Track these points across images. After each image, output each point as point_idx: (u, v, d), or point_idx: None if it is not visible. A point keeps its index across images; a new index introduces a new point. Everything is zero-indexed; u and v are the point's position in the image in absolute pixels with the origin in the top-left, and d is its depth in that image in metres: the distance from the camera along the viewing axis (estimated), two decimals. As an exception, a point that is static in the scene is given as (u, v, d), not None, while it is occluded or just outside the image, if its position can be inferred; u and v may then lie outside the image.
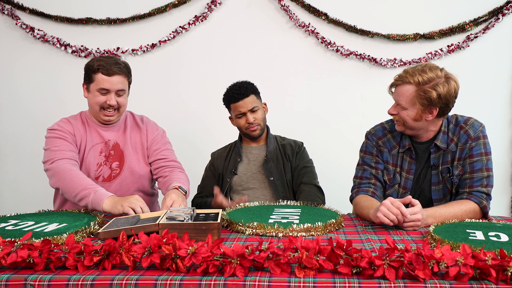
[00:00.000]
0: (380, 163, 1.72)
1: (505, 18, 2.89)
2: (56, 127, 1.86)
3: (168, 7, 2.92)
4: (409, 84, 1.55)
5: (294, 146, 2.10)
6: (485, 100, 2.95)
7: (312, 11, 2.93)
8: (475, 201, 1.53)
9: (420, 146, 1.67)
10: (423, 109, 1.55)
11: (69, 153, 1.79)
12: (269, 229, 1.29)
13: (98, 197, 1.58)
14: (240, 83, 2.04)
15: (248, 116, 2.01)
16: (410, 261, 0.90)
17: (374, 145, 1.75)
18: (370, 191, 1.66)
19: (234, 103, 2.02)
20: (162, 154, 1.95)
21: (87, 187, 1.63)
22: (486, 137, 1.62)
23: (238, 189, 2.08)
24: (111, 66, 1.79)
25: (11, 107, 3.01)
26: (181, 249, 0.96)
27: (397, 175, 1.70)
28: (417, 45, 2.94)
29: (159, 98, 3.00)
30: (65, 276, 0.95)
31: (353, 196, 1.71)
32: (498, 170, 2.96)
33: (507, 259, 0.88)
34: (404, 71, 1.59)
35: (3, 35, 2.95)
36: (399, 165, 1.70)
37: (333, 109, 3.01)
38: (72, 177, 1.68)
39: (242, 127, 2.05)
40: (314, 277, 0.91)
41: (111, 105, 1.82)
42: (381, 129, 1.77)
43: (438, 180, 1.64)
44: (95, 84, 1.81)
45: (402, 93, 1.57)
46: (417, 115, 1.57)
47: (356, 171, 1.77)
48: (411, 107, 1.56)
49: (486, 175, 1.57)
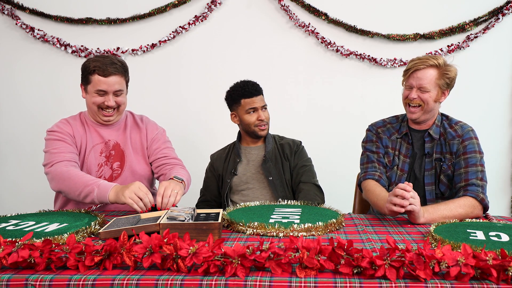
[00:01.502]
0: (380, 147, 1.84)
1: (505, 18, 2.89)
2: (55, 128, 1.85)
3: (168, 7, 2.92)
4: (432, 68, 1.68)
5: (292, 145, 2.10)
6: (485, 100, 2.95)
7: (312, 11, 2.93)
8: (471, 196, 1.58)
9: (416, 134, 1.81)
10: (441, 90, 1.71)
11: (68, 154, 1.78)
12: (270, 229, 1.29)
13: (103, 191, 1.60)
14: (252, 82, 2.06)
15: (260, 113, 2.02)
16: (411, 261, 0.90)
17: (374, 133, 1.88)
18: (377, 175, 1.77)
19: (248, 98, 2.01)
20: (162, 153, 1.94)
21: (88, 183, 1.63)
22: (477, 139, 1.73)
23: (238, 190, 2.08)
24: (107, 66, 1.76)
25: (11, 107, 3.01)
26: (182, 249, 0.96)
27: (396, 158, 1.82)
28: (417, 45, 2.94)
29: (159, 98, 3.00)
30: (66, 276, 0.95)
31: (361, 180, 1.82)
32: (498, 170, 2.98)
33: (508, 259, 0.88)
34: (418, 58, 1.71)
35: (3, 35, 2.95)
36: (398, 149, 1.83)
37: (333, 109, 3.01)
38: (72, 177, 1.68)
39: (252, 124, 2.03)
40: (315, 277, 0.91)
41: (109, 106, 1.82)
42: (382, 122, 1.92)
43: (430, 166, 1.76)
44: (92, 85, 1.80)
45: (425, 77, 1.69)
46: (437, 96, 1.71)
47: (361, 159, 1.89)
48: (433, 89, 1.69)
49: (480, 170, 1.66)
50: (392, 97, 2.96)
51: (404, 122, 1.84)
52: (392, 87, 2.97)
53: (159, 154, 1.94)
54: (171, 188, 1.57)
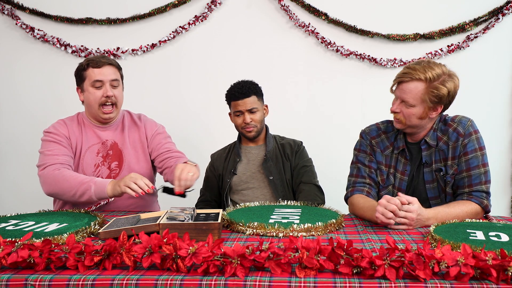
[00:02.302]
0: (373, 161, 1.70)
1: (505, 18, 2.89)
2: (51, 130, 1.86)
3: (168, 7, 2.92)
4: (418, 81, 1.49)
5: (293, 145, 2.10)
6: (485, 100, 2.95)
7: (312, 11, 2.93)
8: (476, 202, 1.52)
9: (414, 147, 1.66)
10: (430, 106, 1.51)
11: (61, 157, 1.79)
12: (270, 229, 1.29)
13: (101, 186, 1.61)
14: (244, 82, 2.04)
15: (245, 116, 2.01)
16: (410, 261, 0.90)
17: (367, 144, 1.73)
18: (365, 191, 1.65)
19: (234, 101, 2.02)
20: (165, 147, 1.93)
21: (84, 182, 1.64)
22: (477, 132, 1.59)
23: (237, 189, 2.08)
24: (99, 59, 1.82)
25: (11, 107, 3.01)
26: (182, 249, 0.96)
27: (391, 176, 1.68)
28: (417, 45, 2.94)
29: (159, 98, 3.00)
30: (65, 276, 0.95)
31: (348, 195, 1.69)
32: (498, 170, 2.98)
33: (508, 259, 0.88)
34: (409, 67, 1.52)
35: (3, 35, 2.95)
36: (393, 166, 1.68)
37: (333, 109, 3.01)
38: (66, 178, 1.68)
39: (239, 126, 2.06)
40: (314, 277, 0.91)
41: (108, 96, 1.81)
42: (376, 129, 1.75)
43: (432, 178, 1.62)
44: (88, 79, 1.81)
45: (410, 90, 1.51)
46: (424, 113, 1.53)
47: (351, 170, 1.75)
48: (419, 104, 1.51)
49: (483, 171, 1.55)
50: (392, 97, 2.96)
51: (400, 135, 1.68)
52: (392, 87, 2.97)
53: (161, 149, 1.93)
54: (187, 170, 1.57)
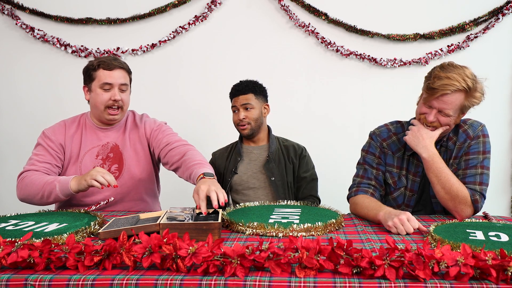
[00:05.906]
0: (381, 164, 1.69)
1: (505, 18, 2.89)
2: (48, 134, 1.86)
3: (168, 7, 2.92)
4: (459, 92, 1.48)
5: (297, 149, 2.10)
6: (485, 100, 2.94)
7: (312, 11, 2.93)
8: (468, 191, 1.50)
9: None
10: (464, 112, 1.54)
11: (41, 164, 1.78)
12: (269, 229, 1.29)
13: (64, 183, 1.62)
14: (246, 81, 2.09)
15: (240, 113, 2.03)
16: (410, 261, 0.90)
17: (377, 146, 1.71)
18: (370, 192, 1.64)
19: (233, 97, 2.08)
20: (164, 142, 1.87)
21: (48, 182, 1.65)
22: (486, 136, 1.60)
23: (238, 189, 2.08)
24: (111, 61, 1.80)
25: (11, 107, 3.01)
26: (182, 249, 0.96)
27: (403, 177, 1.67)
28: (417, 45, 2.94)
29: (159, 98, 3.00)
30: (65, 276, 0.94)
31: (351, 195, 1.68)
32: (498, 170, 2.98)
33: (507, 259, 0.88)
34: (447, 76, 1.47)
35: (3, 35, 2.96)
36: (405, 168, 1.67)
37: (333, 109, 3.02)
38: (32, 181, 1.70)
39: (234, 123, 2.10)
40: (314, 277, 0.91)
41: (116, 100, 1.80)
42: (386, 131, 1.74)
43: None
44: (97, 81, 1.79)
45: (451, 102, 1.49)
46: (458, 119, 1.55)
47: (357, 170, 1.74)
48: (455, 113, 1.52)
49: (479, 172, 1.54)
50: (392, 97, 2.97)
51: None
52: (392, 87, 2.98)
53: (161, 144, 1.89)
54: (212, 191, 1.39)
